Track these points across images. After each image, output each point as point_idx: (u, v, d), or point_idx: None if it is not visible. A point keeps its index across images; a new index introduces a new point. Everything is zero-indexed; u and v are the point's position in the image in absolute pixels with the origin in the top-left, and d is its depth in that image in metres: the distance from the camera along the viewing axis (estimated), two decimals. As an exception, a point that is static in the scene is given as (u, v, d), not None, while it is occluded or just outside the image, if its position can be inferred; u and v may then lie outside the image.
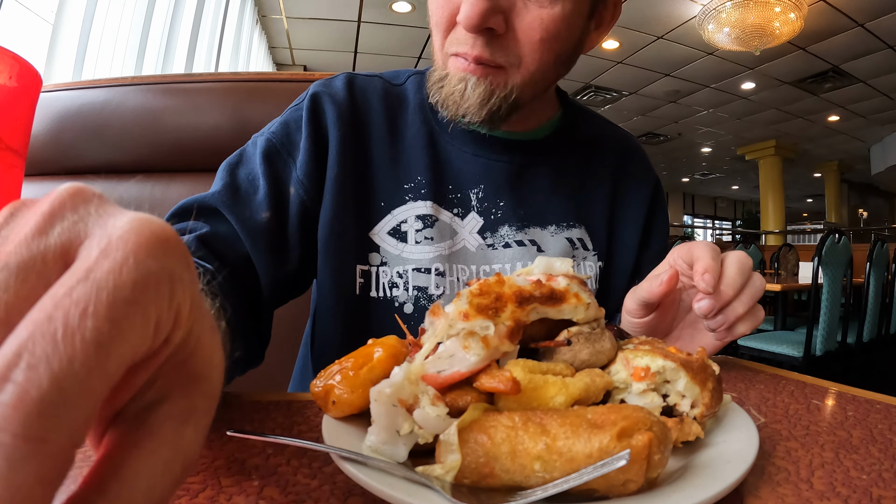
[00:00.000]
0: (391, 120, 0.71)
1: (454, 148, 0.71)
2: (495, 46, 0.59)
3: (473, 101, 0.61)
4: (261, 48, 6.18)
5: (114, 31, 2.78)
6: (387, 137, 0.70)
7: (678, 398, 0.37)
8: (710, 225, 19.27)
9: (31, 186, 1.08)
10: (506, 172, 0.71)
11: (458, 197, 0.70)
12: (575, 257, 0.72)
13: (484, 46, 0.58)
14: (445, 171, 0.70)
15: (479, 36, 0.58)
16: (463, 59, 0.60)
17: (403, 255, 0.67)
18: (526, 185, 0.72)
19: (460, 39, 0.60)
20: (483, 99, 0.60)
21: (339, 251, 0.66)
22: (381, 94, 0.72)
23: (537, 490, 0.27)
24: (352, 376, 0.37)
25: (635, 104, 8.69)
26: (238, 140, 1.11)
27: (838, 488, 0.33)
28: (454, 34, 0.60)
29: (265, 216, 0.62)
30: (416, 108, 0.73)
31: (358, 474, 0.29)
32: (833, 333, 2.79)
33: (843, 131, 9.83)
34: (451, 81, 0.61)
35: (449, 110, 0.63)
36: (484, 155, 0.71)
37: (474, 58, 0.59)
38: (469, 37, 0.58)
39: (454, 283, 0.67)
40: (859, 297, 3.14)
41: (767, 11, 5.16)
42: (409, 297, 0.66)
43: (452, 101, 0.62)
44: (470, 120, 0.63)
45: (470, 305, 0.34)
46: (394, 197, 0.68)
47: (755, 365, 0.67)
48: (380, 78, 0.75)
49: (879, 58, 6.46)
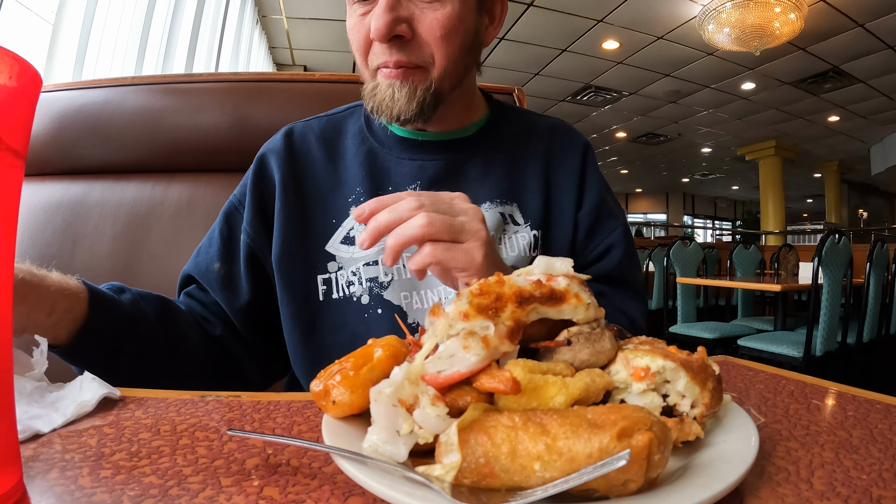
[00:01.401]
0: (330, 151, 0.83)
1: (391, 157, 0.81)
2: (408, 50, 0.70)
3: (403, 101, 0.71)
4: (261, 48, 6.19)
5: (114, 31, 2.78)
6: (327, 167, 0.82)
7: (678, 398, 0.37)
8: (710, 225, 19.27)
9: (31, 186, 1.08)
10: (439, 168, 0.80)
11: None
12: (506, 230, 0.78)
13: (399, 52, 0.69)
14: (384, 176, 0.80)
15: (392, 45, 0.69)
16: (385, 68, 0.71)
17: (354, 255, 0.77)
18: (459, 177, 0.80)
19: (378, 53, 0.71)
20: (410, 96, 0.71)
21: (299, 269, 0.77)
22: (318, 133, 0.85)
23: (537, 490, 0.27)
24: (352, 376, 0.37)
25: (635, 104, 8.69)
26: (238, 140, 1.11)
27: (838, 488, 0.33)
28: (372, 52, 0.72)
29: (217, 267, 0.79)
30: (354, 134, 0.84)
31: (358, 474, 0.29)
32: (833, 333, 2.79)
33: (843, 131, 9.84)
34: (380, 90, 0.72)
35: (384, 114, 0.73)
36: (418, 157, 0.80)
37: (394, 62, 0.70)
38: (384, 48, 0.70)
39: (400, 270, 0.76)
40: (859, 298, 3.14)
41: (767, 12, 5.16)
42: (364, 290, 0.75)
43: (385, 106, 0.72)
44: (404, 118, 0.72)
45: (470, 305, 0.34)
46: (341, 212, 0.79)
47: (755, 365, 0.67)
48: (318, 119, 0.88)
49: (879, 58, 6.46)
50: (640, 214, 18.31)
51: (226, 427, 0.42)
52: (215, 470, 0.34)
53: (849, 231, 9.88)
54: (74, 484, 0.32)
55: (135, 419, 0.43)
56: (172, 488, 0.31)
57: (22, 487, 0.31)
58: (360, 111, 0.87)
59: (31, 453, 0.36)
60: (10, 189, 0.31)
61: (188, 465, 0.35)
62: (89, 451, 0.37)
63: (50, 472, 0.33)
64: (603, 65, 7.10)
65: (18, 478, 0.31)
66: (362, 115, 0.86)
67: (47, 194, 1.08)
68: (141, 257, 1.04)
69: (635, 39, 6.24)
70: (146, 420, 0.43)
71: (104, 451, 0.37)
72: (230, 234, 0.81)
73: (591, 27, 5.89)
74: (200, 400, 0.49)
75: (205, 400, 0.49)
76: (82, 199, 1.08)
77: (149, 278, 1.03)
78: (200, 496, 0.31)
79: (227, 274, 0.79)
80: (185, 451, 0.37)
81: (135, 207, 1.07)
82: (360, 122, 0.85)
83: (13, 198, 0.31)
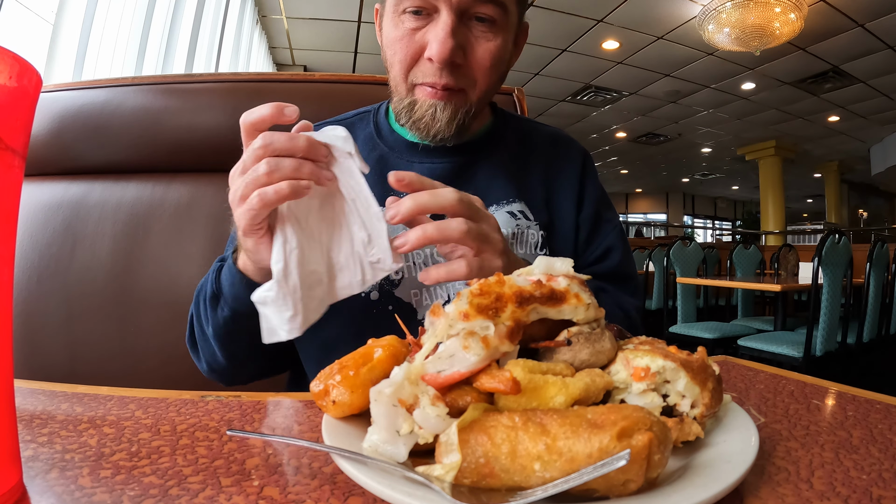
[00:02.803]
0: None
1: (402, 161, 0.82)
2: (457, 75, 0.72)
3: (444, 122, 0.74)
4: (261, 48, 6.18)
5: (114, 31, 2.78)
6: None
7: (678, 398, 0.37)
8: (710, 225, 19.27)
9: (31, 186, 1.08)
10: (448, 171, 0.81)
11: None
12: (518, 226, 0.80)
13: (449, 76, 0.71)
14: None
15: (445, 68, 0.70)
16: (430, 88, 0.73)
17: None
18: (467, 180, 0.82)
19: (426, 72, 0.72)
20: (451, 118, 0.74)
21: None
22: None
23: (537, 490, 0.27)
24: (352, 376, 0.37)
25: (635, 104, 8.69)
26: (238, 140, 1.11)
27: (838, 488, 0.33)
28: (419, 68, 0.73)
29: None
30: (364, 140, 0.85)
31: (358, 474, 0.29)
32: (833, 333, 2.79)
33: (843, 131, 9.83)
34: (420, 108, 0.74)
35: (420, 131, 0.75)
36: (428, 161, 0.82)
37: (443, 85, 0.72)
38: (435, 69, 0.71)
39: (411, 268, 0.76)
40: (859, 298, 3.13)
41: (767, 12, 5.16)
42: (375, 286, 0.75)
43: (424, 124, 0.74)
44: (441, 136, 0.75)
45: (470, 305, 0.34)
46: None
47: (755, 365, 0.67)
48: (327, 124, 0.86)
49: (879, 58, 6.46)
50: (640, 214, 18.30)
51: (226, 427, 0.42)
52: (215, 470, 0.34)
53: (849, 231, 9.87)
54: (74, 484, 0.32)
55: (135, 419, 0.43)
56: (172, 488, 0.31)
57: (22, 487, 0.31)
58: (368, 118, 0.88)
59: (32, 453, 0.36)
60: (10, 189, 0.31)
61: (188, 465, 0.35)
62: (89, 451, 0.37)
63: (50, 472, 0.33)
64: (603, 65, 7.09)
65: (18, 478, 0.31)
66: (371, 122, 0.87)
67: (47, 194, 1.08)
68: (141, 257, 1.04)
69: (635, 39, 6.24)
70: (146, 420, 0.43)
71: (104, 451, 0.37)
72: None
73: (591, 27, 5.89)
74: (200, 400, 0.49)
75: (205, 400, 0.49)
76: (82, 199, 1.07)
77: (149, 278, 1.03)
78: (200, 496, 0.31)
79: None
80: (185, 451, 0.37)
81: (135, 207, 1.07)
82: (369, 128, 0.86)
83: (13, 198, 0.31)
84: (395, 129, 0.85)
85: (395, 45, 0.72)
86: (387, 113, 0.88)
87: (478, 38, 0.72)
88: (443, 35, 0.68)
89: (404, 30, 0.71)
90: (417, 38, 0.71)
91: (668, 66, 7.10)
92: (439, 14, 0.69)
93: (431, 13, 0.70)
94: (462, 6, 0.69)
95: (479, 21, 0.71)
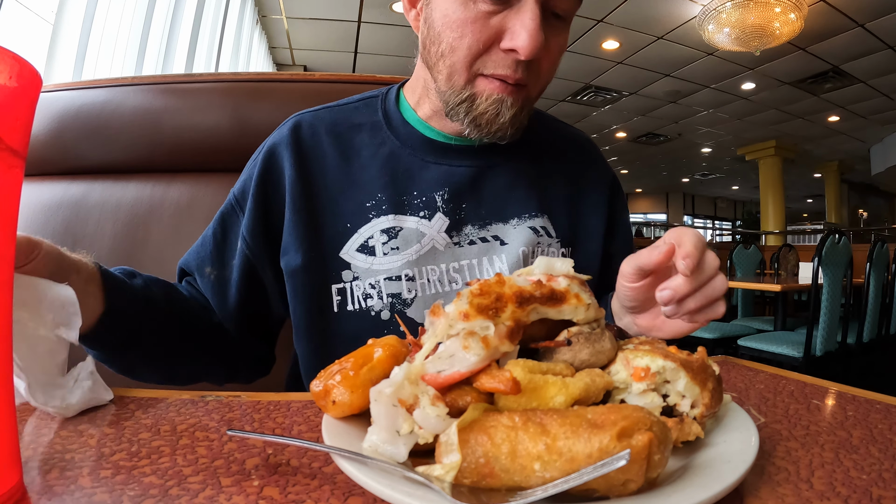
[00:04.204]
0: (343, 146, 0.77)
1: (416, 159, 0.76)
2: (531, 69, 0.66)
3: (507, 119, 0.67)
4: (261, 48, 6.18)
5: (114, 31, 2.77)
6: (340, 164, 0.76)
7: (678, 398, 0.37)
8: (710, 225, 19.27)
9: (31, 186, 1.08)
10: (467, 175, 0.76)
11: (424, 200, 0.74)
12: (539, 244, 0.76)
13: (525, 70, 0.65)
14: (409, 180, 0.75)
15: (523, 62, 0.64)
16: (500, 81, 0.66)
17: (373, 267, 0.72)
18: (486, 186, 0.77)
19: (499, 62, 0.65)
20: (515, 115, 0.68)
21: (312, 278, 0.72)
22: (329, 126, 0.78)
23: (537, 490, 0.27)
24: (352, 376, 0.37)
25: (635, 104, 8.68)
26: (238, 140, 1.11)
27: (838, 488, 0.33)
28: (490, 56, 0.65)
29: (208, 271, 0.76)
30: (370, 129, 0.78)
31: (358, 474, 0.29)
32: (833, 334, 2.79)
33: (843, 131, 9.83)
34: (483, 102, 0.67)
35: (480, 129, 0.69)
36: (445, 162, 0.76)
37: (517, 79, 0.65)
38: (512, 62, 0.64)
39: (425, 285, 0.72)
40: (859, 298, 3.13)
41: (767, 12, 5.15)
42: (385, 305, 0.71)
43: (486, 120, 0.68)
44: (500, 135, 0.69)
45: (470, 305, 0.34)
46: (358, 217, 0.73)
47: (755, 365, 0.67)
48: (328, 109, 0.81)
49: (879, 58, 6.45)
50: (640, 214, 18.29)
51: (226, 427, 0.42)
52: (215, 470, 0.34)
53: (849, 231, 9.86)
54: (74, 484, 0.32)
55: (135, 419, 0.43)
56: (172, 488, 0.31)
57: (22, 487, 0.31)
58: (375, 103, 0.80)
59: (31, 453, 0.36)
60: (10, 189, 0.31)
61: (188, 465, 0.35)
62: (89, 451, 0.37)
63: (50, 472, 0.33)
64: (603, 65, 7.09)
65: (18, 478, 0.31)
66: (379, 109, 0.79)
67: (47, 194, 1.08)
68: (141, 257, 1.04)
69: (635, 39, 6.24)
70: (146, 420, 0.43)
71: (104, 451, 0.37)
72: (224, 237, 0.77)
73: (591, 27, 5.89)
74: (200, 400, 0.49)
75: (205, 400, 0.49)
76: (82, 199, 1.07)
77: (149, 278, 1.03)
78: (200, 496, 0.31)
79: (217, 278, 0.76)
80: (185, 451, 0.37)
81: (135, 207, 1.07)
82: (376, 116, 0.79)
83: (13, 198, 0.31)
84: (409, 120, 0.78)
85: (464, 27, 0.64)
86: (397, 101, 0.80)
87: (551, 32, 0.66)
88: (533, 26, 0.61)
89: (477, 12, 0.63)
90: (493, 24, 0.63)
91: (668, 66, 7.09)
92: (522, 2, 0.62)
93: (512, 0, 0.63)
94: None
95: (553, 15, 0.66)
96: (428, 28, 0.69)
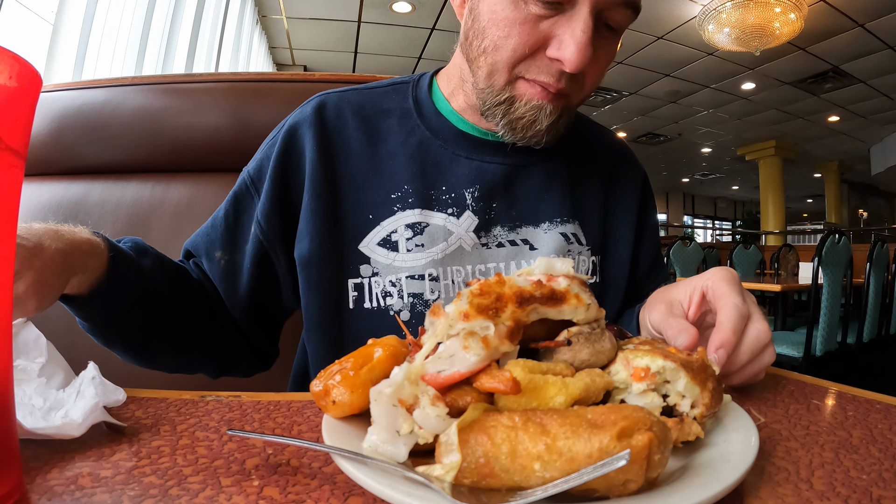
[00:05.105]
0: (370, 131, 0.73)
1: (447, 152, 0.72)
2: (574, 80, 0.64)
3: (543, 125, 0.65)
4: (261, 48, 6.18)
5: (114, 31, 2.78)
6: (366, 150, 0.72)
7: (678, 398, 0.37)
8: (710, 225, 19.27)
9: (31, 186, 1.08)
10: (499, 174, 0.73)
11: (453, 196, 0.71)
12: (570, 251, 0.74)
13: (568, 81, 0.63)
14: (438, 174, 0.72)
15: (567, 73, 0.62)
16: (541, 88, 0.64)
17: (395, 263, 0.68)
18: (519, 186, 0.74)
19: (542, 69, 0.63)
20: (553, 123, 0.66)
21: (328, 270, 0.68)
22: (356, 109, 0.74)
23: (537, 490, 0.27)
24: (352, 376, 0.37)
25: (635, 104, 8.68)
26: (238, 140, 1.11)
27: (838, 488, 0.33)
28: (534, 61, 0.63)
29: (218, 255, 0.72)
30: (400, 116, 0.74)
31: (358, 474, 0.29)
32: (833, 333, 2.79)
33: (843, 131, 9.83)
34: (521, 106, 0.65)
35: (515, 132, 0.67)
36: (478, 157, 0.73)
37: (558, 89, 0.63)
38: (557, 71, 0.62)
39: (449, 287, 0.69)
40: (859, 298, 3.14)
41: (767, 12, 5.16)
42: (405, 305, 0.68)
43: (523, 125, 0.66)
44: (535, 141, 0.67)
45: (470, 305, 0.34)
46: (381, 209, 0.70)
47: (755, 365, 0.67)
48: (355, 91, 0.77)
49: (879, 58, 6.45)
50: (640, 214, 18.28)
51: (226, 427, 0.42)
52: (215, 470, 0.34)
53: (849, 231, 9.87)
54: (74, 484, 0.32)
55: (135, 419, 0.43)
56: (172, 488, 0.31)
57: (22, 487, 0.31)
58: (406, 90, 0.77)
59: (31, 453, 0.36)
60: (10, 189, 0.31)
61: (188, 465, 0.35)
62: (89, 451, 0.37)
63: (50, 472, 0.33)
64: (603, 65, 7.09)
65: (18, 478, 0.31)
66: (409, 96, 0.76)
67: (47, 194, 1.08)
68: (141, 257, 1.04)
69: (635, 39, 6.24)
70: (146, 420, 0.43)
71: (104, 451, 0.37)
72: (237, 220, 0.73)
73: (591, 27, 5.90)
74: (200, 400, 0.49)
75: (205, 400, 0.49)
76: (82, 199, 1.07)
77: (149, 278, 1.03)
78: (200, 496, 0.31)
79: (228, 264, 0.71)
80: (185, 451, 0.37)
81: (135, 207, 1.07)
82: (406, 103, 0.75)
83: (13, 198, 0.31)
84: (442, 110, 0.74)
85: (512, 28, 0.61)
86: (430, 89, 0.77)
87: (601, 44, 0.63)
88: (584, 40, 0.59)
89: (528, 13, 0.61)
90: (543, 29, 0.61)
91: (668, 66, 7.09)
92: (575, 11, 0.60)
93: (566, 6, 0.60)
94: (600, 5, 0.60)
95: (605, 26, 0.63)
96: (473, 20, 0.66)
